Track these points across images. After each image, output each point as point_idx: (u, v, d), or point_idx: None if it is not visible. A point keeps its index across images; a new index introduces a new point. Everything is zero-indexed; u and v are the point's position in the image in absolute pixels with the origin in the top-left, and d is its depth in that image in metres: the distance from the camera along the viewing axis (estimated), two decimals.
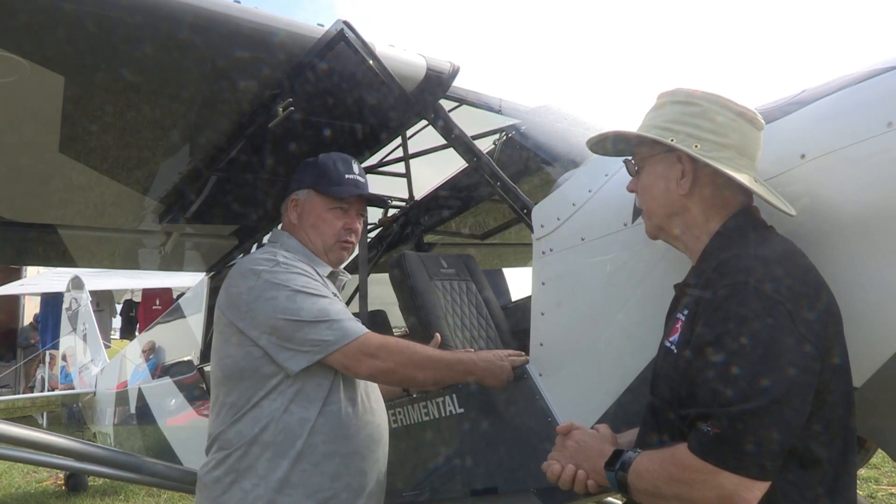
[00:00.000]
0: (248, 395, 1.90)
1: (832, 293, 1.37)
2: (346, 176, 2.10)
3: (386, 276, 2.85)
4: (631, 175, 1.63)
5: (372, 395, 2.07)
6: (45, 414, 9.87)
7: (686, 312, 1.41)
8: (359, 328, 1.89)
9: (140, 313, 14.85)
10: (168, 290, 13.87)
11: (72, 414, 7.48)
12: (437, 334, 2.17)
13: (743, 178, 1.42)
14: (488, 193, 3.35)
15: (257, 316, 1.89)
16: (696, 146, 1.44)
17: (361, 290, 2.74)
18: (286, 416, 1.88)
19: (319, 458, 1.89)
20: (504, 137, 3.11)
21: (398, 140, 3.08)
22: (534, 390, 2.08)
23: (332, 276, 2.13)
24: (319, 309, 1.87)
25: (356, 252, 2.39)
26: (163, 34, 1.78)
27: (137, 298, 15.89)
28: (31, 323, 13.59)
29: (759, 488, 1.23)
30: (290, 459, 1.87)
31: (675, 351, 1.41)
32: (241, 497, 1.86)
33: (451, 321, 2.71)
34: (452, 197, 3.57)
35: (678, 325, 1.43)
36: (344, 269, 2.24)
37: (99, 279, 10.74)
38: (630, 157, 1.62)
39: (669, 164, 1.50)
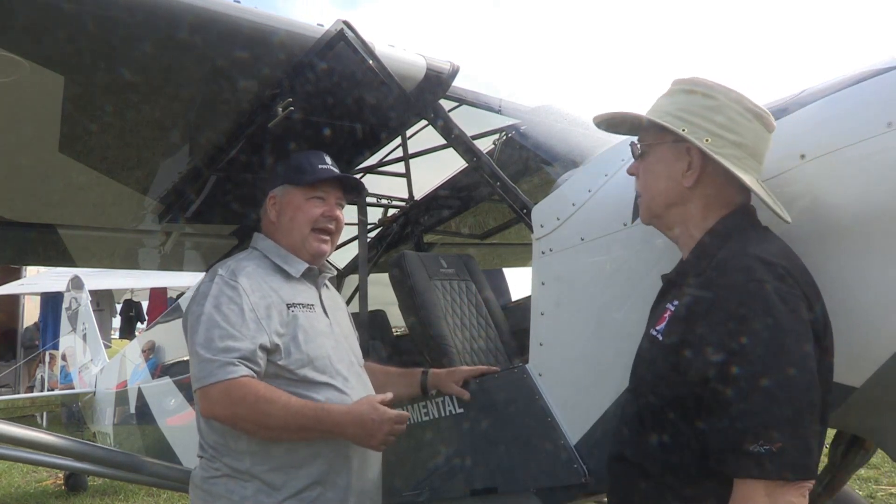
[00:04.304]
0: None
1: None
2: (319, 166, 2.09)
3: (386, 276, 2.85)
4: (634, 157, 1.60)
5: (358, 392, 2.02)
6: (45, 414, 9.88)
7: (676, 304, 1.41)
8: (222, 373, 1.76)
9: (150, 309, 14.88)
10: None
11: (72, 414, 7.48)
12: (390, 394, 1.99)
13: (748, 180, 1.42)
14: (488, 193, 3.35)
15: (184, 323, 1.95)
16: (707, 140, 1.42)
17: (361, 290, 2.74)
18: None
19: (301, 460, 1.88)
20: (504, 137, 3.11)
21: (398, 140, 3.08)
22: (534, 390, 2.08)
23: (310, 275, 2.08)
24: (206, 339, 1.80)
25: (356, 252, 2.37)
26: (162, 34, 1.78)
27: (137, 298, 15.91)
28: (34, 323, 13.58)
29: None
30: (271, 464, 1.86)
31: (661, 339, 1.41)
32: (227, 499, 1.86)
33: (450, 321, 2.71)
34: (452, 197, 3.57)
35: (666, 315, 1.43)
36: (344, 268, 2.22)
37: (99, 279, 10.74)
38: (635, 140, 1.59)
39: (677, 155, 1.48)
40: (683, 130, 1.44)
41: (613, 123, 1.62)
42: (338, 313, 2.16)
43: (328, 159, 2.13)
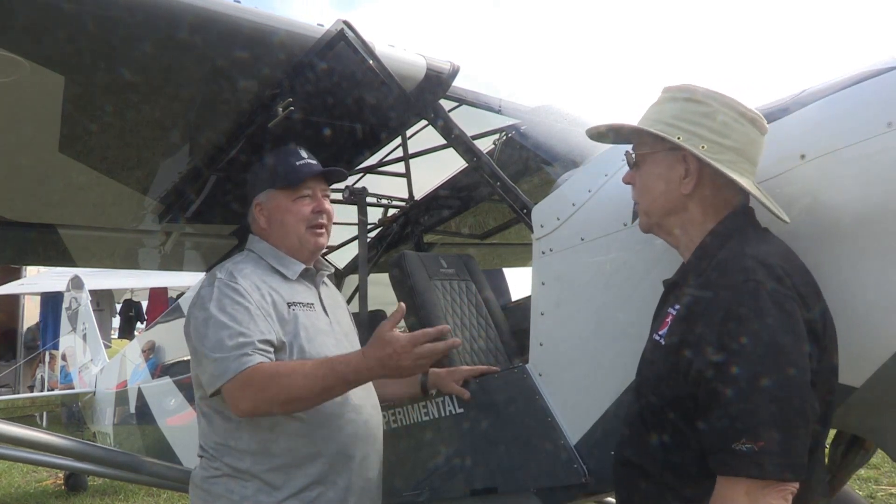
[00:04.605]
0: (217, 401, 1.87)
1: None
2: (297, 163, 2.06)
3: (386, 276, 2.85)
4: (629, 166, 1.60)
5: (358, 393, 1.99)
6: (45, 414, 9.88)
7: (677, 307, 1.41)
8: (236, 366, 1.75)
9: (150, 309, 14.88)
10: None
11: (72, 414, 7.49)
12: (402, 307, 1.94)
13: (746, 184, 1.42)
14: (488, 193, 3.35)
15: (187, 330, 1.92)
16: (703, 147, 1.42)
17: (361, 290, 2.74)
18: (258, 421, 1.86)
19: (301, 460, 1.88)
20: (504, 137, 3.11)
21: (398, 140, 3.08)
22: (534, 390, 2.08)
23: (308, 275, 2.08)
24: (216, 341, 1.79)
25: (356, 252, 2.37)
26: (162, 34, 1.78)
27: (137, 298, 15.90)
28: (36, 323, 13.57)
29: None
30: (272, 463, 1.86)
31: (663, 343, 1.42)
32: (227, 499, 1.86)
33: (450, 321, 2.71)
34: (452, 197, 3.56)
35: (668, 320, 1.43)
36: (344, 268, 2.22)
37: (99, 279, 10.74)
38: (630, 150, 1.59)
39: (673, 163, 1.48)
40: (679, 138, 1.44)
41: (609, 134, 1.62)
42: (338, 311, 2.16)
43: (304, 153, 2.10)
